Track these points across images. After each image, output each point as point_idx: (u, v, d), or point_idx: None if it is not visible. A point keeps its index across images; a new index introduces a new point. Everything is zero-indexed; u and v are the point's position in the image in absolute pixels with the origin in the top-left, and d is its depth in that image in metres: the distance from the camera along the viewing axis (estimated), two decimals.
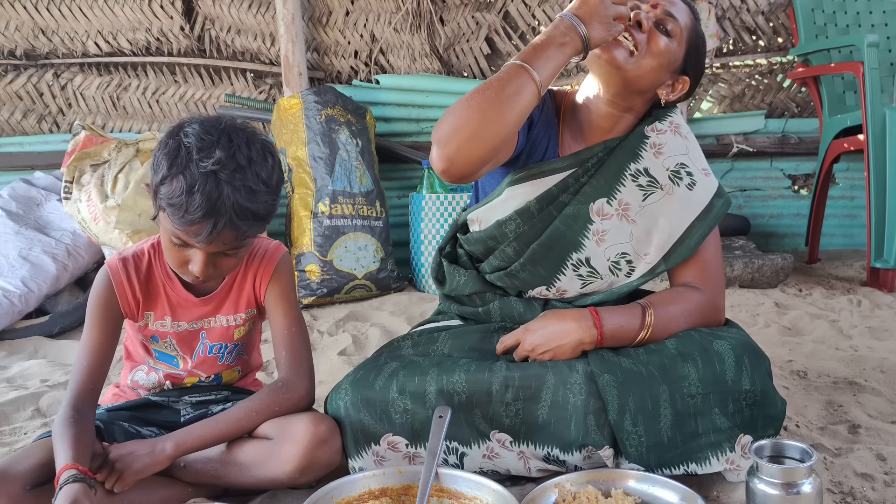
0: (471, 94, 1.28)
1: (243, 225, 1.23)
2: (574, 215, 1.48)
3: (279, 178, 1.31)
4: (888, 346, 2.26)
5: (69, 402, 1.29)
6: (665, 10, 1.42)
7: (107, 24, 3.86)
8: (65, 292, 2.97)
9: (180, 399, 1.48)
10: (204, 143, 1.21)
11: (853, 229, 3.86)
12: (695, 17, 1.48)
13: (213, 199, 1.19)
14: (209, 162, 1.19)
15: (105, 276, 1.38)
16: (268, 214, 1.28)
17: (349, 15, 3.89)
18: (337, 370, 2.13)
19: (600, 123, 1.50)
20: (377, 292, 3.20)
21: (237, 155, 1.22)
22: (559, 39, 1.30)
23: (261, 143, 1.28)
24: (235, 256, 1.32)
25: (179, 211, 1.20)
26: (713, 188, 1.50)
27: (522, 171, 1.48)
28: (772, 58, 3.89)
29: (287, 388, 1.38)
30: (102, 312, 1.37)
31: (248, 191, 1.22)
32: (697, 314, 1.43)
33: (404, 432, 1.33)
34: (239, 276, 1.45)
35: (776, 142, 3.79)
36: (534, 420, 1.32)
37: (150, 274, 1.41)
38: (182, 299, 1.43)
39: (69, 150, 3.04)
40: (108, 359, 1.37)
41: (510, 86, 1.27)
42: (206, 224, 1.20)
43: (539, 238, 1.49)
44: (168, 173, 1.21)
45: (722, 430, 1.28)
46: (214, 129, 1.24)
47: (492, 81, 1.28)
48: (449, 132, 1.27)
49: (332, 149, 3.19)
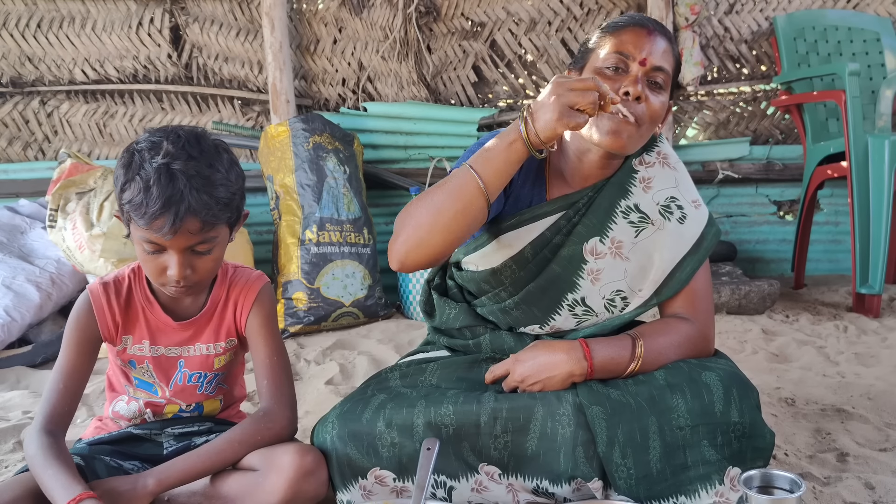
0: (420, 198, 1.31)
1: (203, 209, 1.25)
2: (569, 256, 1.46)
3: (238, 174, 1.34)
4: (875, 373, 2.27)
5: (42, 427, 1.27)
6: (653, 66, 1.36)
7: (94, 52, 3.87)
8: (48, 321, 2.94)
9: (163, 431, 1.45)
10: (153, 144, 1.26)
11: (838, 254, 3.89)
12: (670, 35, 1.42)
13: (168, 189, 1.22)
14: (159, 157, 1.24)
15: (86, 300, 1.38)
16: (230, 201, 1.30)
17: (337, 43, 3.91)
18: (324, 400, 2.11)
19: (593, 171, 1.46)
20: (365, 320, 3.18)
21: (187, 147, 1.27)
22: (508, 137, 1.26)
23: (213, 142, 1.32)
24: (209, 254, 1.32)
25: (140, 209, 1.23)
26: (704, 220, 1.49)
27: (513, 217, 1.47)
28: (755, 85, 3.94)
29: (269, 418, 1.36)
30: (80, 335, 1.37)
31: (202, 177, 1.25)
32: (687, 345, 1.43)
33: (392, 466, 1.31)
34: (220, 305, 1.45)
35: (761, 168, 3.83)
36: (523, 452, 1.30)
37: (129, 297, 1.41)
38: (161, 323, 1.42)
39: (54, 177, 3.02)
40: (82, 382, 1.36)
41: (455, 190, 1.28)
42: (167, 215, 1.22)
43: (534, 280, 1.48)
44: (125, 180, 1.26)
45: (711, 462, 1.26)
46: (162, 130, 1.30)
47: (440, 185, 1.30)
48: (399, 241, 1.32)
49: (319, 176, 3.19)
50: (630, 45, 1.36)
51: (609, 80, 1.36)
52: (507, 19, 3.89)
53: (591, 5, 3.87)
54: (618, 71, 1.37)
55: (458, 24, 3.91)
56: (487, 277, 1.52)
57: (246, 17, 3.87)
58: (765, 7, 3.85)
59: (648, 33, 1.36)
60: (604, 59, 1.38)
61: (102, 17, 3.84)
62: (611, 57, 1.37)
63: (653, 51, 1.36)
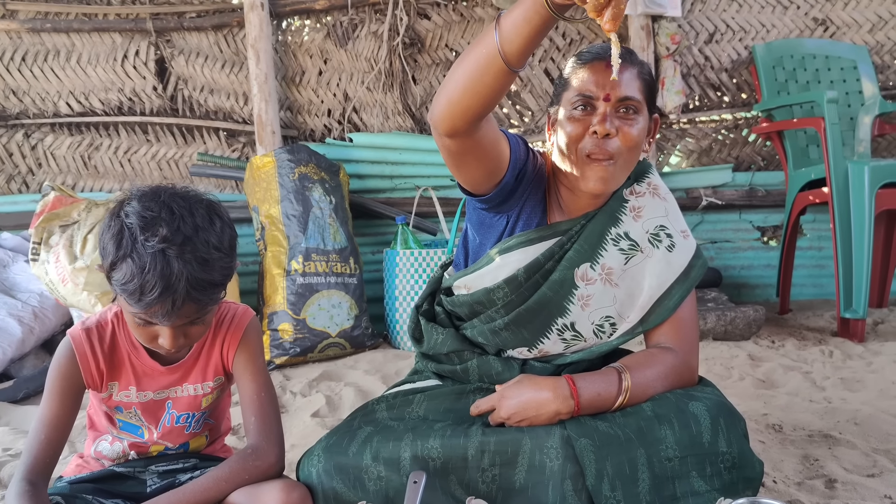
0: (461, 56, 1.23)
1: (202, 296, 1.21)
2: (560, 280, 1.48)
3: (231, 239, 1.28)
4: (861, 398, 2.27)
5: (22, 476, 1.25)
6: (618, 97, 1.36)
7: (79, 85, 3.87)
8: (30, 356, 2.90)
9: (146, 469, 1.43)
10: (146, 222, 1.18)
11: (822, 279, 3.93)
12: (634, 58, 1.40)
13: (165, 278, 1.16)
14: (154, 241, 1.16)
15: (68, 348, 1.34)
16: (225, 279, 1.26)
17: (322, 74, 3.94)
18: (310, 432, 2.08)
19: (586, 202, 1.50)
20: (351, 350, 3.16)
21: (182, 227, 1.19)
22: None
23: (205, 207, 1.26)
24: (203, 323, 1.30)
25: (135, 296, 1.17)
26: (692, 250, 1.51)
27: (514, 238, 1.49)
28: (737, 113, 3.99)
29: (257, 455, 1.34)
30: (63, 384, 1.33)
31: (200, 261, 1.19)
32: (673, 377, 1.43)
33: (378, 500, 1.30)
34: (207, 344, 1.43)
35: (744, 194, 3.87)
36: (511, 485, 1.29)
37: (114, 344, 1.38)
38: (148, 368, 1.39)
39: (38, 210, 3.00)
40: (65, 432, 1.33)
41: (478, 44, 1.17)
42: (164, 303, 1.18)
43: (525, 303, 1.49)
44: (115, 257, 1.19)
45: (700, 493, 1.26)
46: (154, 203, 1.21)
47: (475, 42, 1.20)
48: (436, 97, 1.24)
49: (305, 206, 3.19)
50: (592, 83, 1.37)
51: (578, 122, 1.38)
52: None
53: (573, 36, 3.93)
54: (586, 109, 1.39)
55: (442, 56, 3.95)
56: (480, 298, 1.53)
57: (231, 49, 3.89)
58: (744, 36, 3.92)
59: (607, 66, 1.32)
60: (571, 102, 1.40)
61: (87, 49, 3.85)
62: (577, 99, 1.39)
63: (615, 83, 1.35)
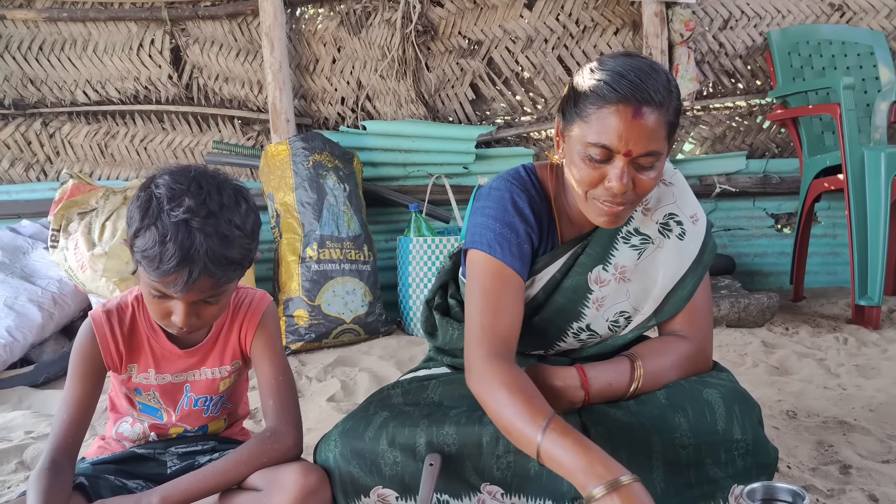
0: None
1: (219, 271, 1.22)
2: (574, 287, 1.45)
3: (255, 223, 1.30)
4: (876, 385, 2.27)
5: (48, 455, 1.28)
6: (639, 154, 1.23)
7: (95, 74, 3.90)
8: (50, 341, 2.94)
9: (166, 450, 1.46)
10: (174, 193, 1.21)
11: (836, 267, 3.91)
12: (661, 98, 1.23)
13: (185, 248, 1.18)
14: (179, 211, 1.19)
15: (89, 329, 1.37)
16: (244, 259, 1.27)
17: (336, 63, 3.95)
18: (326, 417, 2.11)
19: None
20: (365, 336, 3.19)
21: (208, 201, 1.22)
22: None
23: (233, 189, 1.28)
24: (217, 304, 1.30)
25: (154, 262, 1.19)
26: (702, 234, 1.46)
27: (532, 267, 1.44)
28: (751, 100, 3.97)
29: (275, 437, 1.36)
30: (85, 366, 1.36)
31: (220, 237, 1.21)
32: (687, 364, 1.42)
33: (394, 485, 1.31)
34: (224, 328, 1.44)
35: (758, 182, 3.85)
36: (525, 472, 1.30)
37: (133, 326, 1.40)
38: (166, 352, 1.42)
39: (56, 198, 3.04)
40: (89, 413, 1.36)
41: (519, 432, 1.21)
42: (181, 273, 1.19)
43: (539, 313, 1.48)
44: (140, 225, 1.21)
45: (715, 480, 1.26)
46: (184, 177, 1.24)
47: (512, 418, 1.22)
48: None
49: (319, 194, 3.21)
50: (614, 135, 1.22)
51: (593, 169, 1.27)
52: (503, 37, 3.93)
53: (586, 22, 3.91)
54: (602, 157, 1.25)
55: (455, 43, 3.94)
56: None
57: (245, 38, 3.90)
58: (759, 22, 3.89)
59: (634, 115, 1.21)
60: (587, 144, 1.26)
61: (104, 39, 3.88)
62: (595, 149, 1.25)
63: (639, 137, 1.22)
